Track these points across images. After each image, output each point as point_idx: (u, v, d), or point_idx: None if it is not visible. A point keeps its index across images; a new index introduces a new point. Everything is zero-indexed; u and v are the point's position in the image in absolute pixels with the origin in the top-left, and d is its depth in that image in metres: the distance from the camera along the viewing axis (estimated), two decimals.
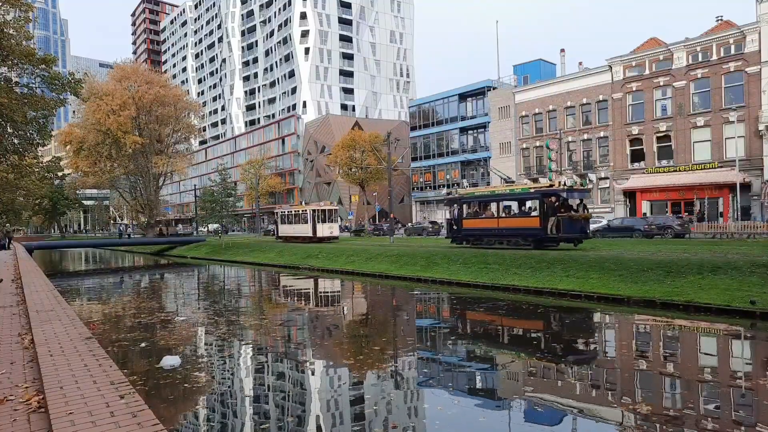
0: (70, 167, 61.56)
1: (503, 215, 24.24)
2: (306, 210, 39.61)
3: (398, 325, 14.57)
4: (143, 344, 11.79)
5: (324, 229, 37.97)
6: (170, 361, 9.74)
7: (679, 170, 36.03)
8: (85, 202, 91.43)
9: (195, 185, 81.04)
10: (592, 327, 13.62)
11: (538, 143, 45.03)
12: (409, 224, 52.23)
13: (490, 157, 49.43)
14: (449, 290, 19.37)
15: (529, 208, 23.55)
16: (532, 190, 22.91)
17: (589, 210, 24.62)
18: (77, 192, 73.61)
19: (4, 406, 4.48)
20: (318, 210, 38.60)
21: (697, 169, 35.10)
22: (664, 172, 36.95)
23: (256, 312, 17.23)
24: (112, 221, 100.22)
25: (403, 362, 10.33)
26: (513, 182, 30.32)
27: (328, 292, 22.04)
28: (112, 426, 3.67)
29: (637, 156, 38.83)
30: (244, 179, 74.51)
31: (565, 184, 22.33)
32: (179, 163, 56.51)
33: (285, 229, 41.93)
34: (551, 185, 22.56)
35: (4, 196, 43.14)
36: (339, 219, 46.17)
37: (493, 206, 24.57)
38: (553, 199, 21.53)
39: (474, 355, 10.89)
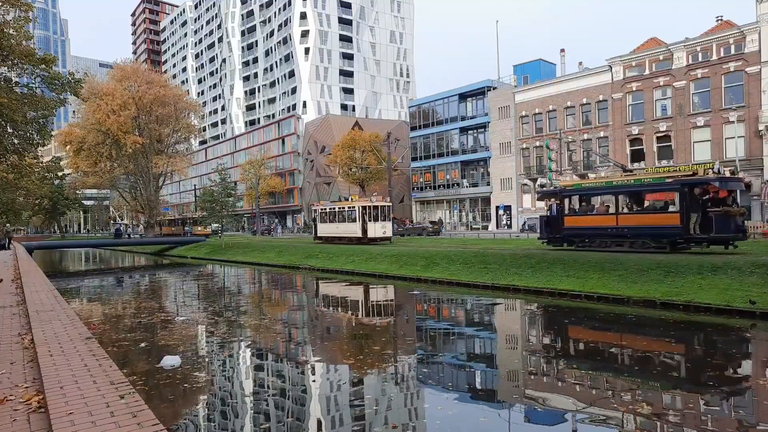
0: (70, 167, 61.67)
1: (625, 211, 20.24)
2: (354, 206, 34.38)
3: (397, 324, 14.57)
4: (143, 344, 11.80)
5: (376, 229, 33.18)
6: (170, 361, 9.74)
7: (679, 170, 35.94)
8: (85, 202, 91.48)
9: (195, 185, 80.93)
10: (591, 326, 13.62)
11: (538, 143, 45.01)
12: (409, 224, 52.19)
13: (490, 157, 49.45)
14: (449, 290, 19.38)
15: (664, 201, 19.63)
16: (668, 180, 18.75)
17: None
18: (77, 192, 73.65)
19: (4, 406, 4.47)
20: (369, 206, 33.56)
21: None
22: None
23: (256, 312, 17.23)
24: (112, 221, 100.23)
25: (402, 361, 10.33)
26: (632, 171, 25.68)
27: (327, 292, 22.03)
28: (112, 426, 3.66)
29: (637, 156, 38.81)
30: (244, 179, 74.49)
31: (718, 171, 18.32)
32: (179, 163, 56.51)
33: (326, 229, 36.82)
34: (695, 173, 18.54)
35: (4, 196, 43.17)
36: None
37: (610, 200, 20.76)
38: (700, 190, 17.73)
39: (472, 353, 10.89)
